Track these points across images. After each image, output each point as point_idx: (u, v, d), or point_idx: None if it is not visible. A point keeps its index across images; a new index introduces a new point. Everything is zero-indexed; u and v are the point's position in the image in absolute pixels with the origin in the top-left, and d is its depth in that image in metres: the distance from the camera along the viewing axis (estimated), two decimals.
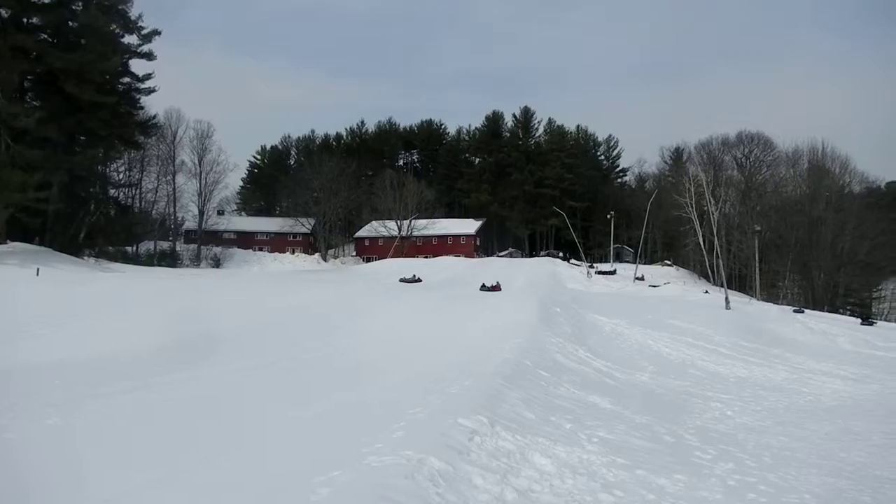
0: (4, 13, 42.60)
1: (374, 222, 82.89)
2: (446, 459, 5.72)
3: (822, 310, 50.74)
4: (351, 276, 49.28)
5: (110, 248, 56.59)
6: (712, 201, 44.62)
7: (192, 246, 72.35)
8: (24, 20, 43.75)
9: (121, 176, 66.02)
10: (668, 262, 71.26)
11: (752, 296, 54.46)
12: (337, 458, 5.79)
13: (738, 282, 66.28)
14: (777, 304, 48.05)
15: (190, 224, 77.62)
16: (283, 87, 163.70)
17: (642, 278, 55.84)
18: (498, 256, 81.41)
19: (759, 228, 58.82)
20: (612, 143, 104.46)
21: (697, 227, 50.72)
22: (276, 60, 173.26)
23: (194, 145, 72.83)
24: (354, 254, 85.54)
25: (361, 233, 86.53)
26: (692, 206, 50.04)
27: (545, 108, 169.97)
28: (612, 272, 59.87)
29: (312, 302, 24.03)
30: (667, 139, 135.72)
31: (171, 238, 73.91)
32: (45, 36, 46.34)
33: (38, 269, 31.29)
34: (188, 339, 14.27)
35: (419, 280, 43.56)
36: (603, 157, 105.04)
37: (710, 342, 22.77)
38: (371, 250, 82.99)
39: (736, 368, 19.23)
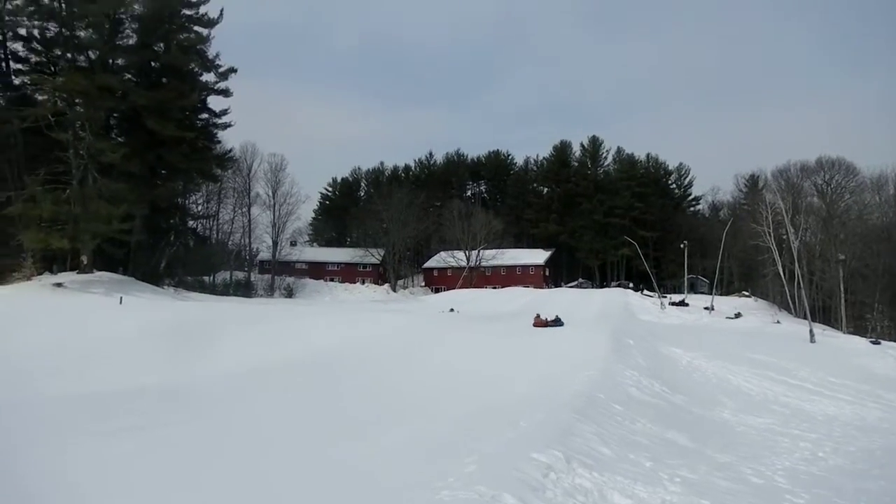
0: (92, 55, 44.98)
1: (442, 253, 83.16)
2: (520, 496, 5.42)
3: None
4: (421, 307, 49.29)
5: (188, 277, 58.43)
6: (792, 229, 42.77)
7: (266, 276, 74.12)
8: (111, 61, 46.08)
9: (199, 208, 68.51)
10: (746, 293, 68.57)
11: (839, 328, 51.75)
12: (409, 491, 5.57)
13: (822, 314, 63.17)
14: (866, 336, 45.49)
15: (264, 255, 79.62)
16: (353, 119, 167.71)
17: (711, 308, 53.86)
18: (567, 287, 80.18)
19: (842, 257, 56.12)
20: (683, 172, 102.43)
21: (776, 257, 48.79)
22: (346, 94, 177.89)
23: (268, 178, 75.30)
24: (423, 284, 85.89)
25: (430, 263, 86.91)
26: (770, 235, 48.22)
27: (614, 136, 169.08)
28: (684, 304, 57.99)
29: (385, 332, 24.05)
30: (742, 166, 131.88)
31: (246, 268, 75.87)
32: (130, 75, 48.72)
33: (120, 298, 32.43)
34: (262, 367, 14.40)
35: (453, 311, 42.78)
36: (674, 185, 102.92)
37: (794, 377, 21.58)
38: (440, 280, 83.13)
39: (824, 406, 18.08)
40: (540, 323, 29.69)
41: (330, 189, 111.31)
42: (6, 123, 40.69)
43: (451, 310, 43.09)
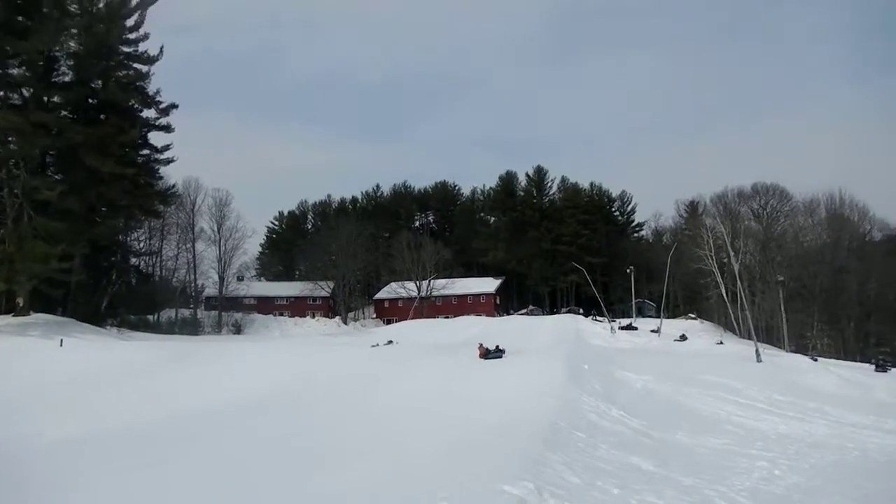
0: (26, 92, 43.80)
1: (393, 283, 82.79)
2: None
3: (854, 360, 49.51)
4: (371, 340, 48.70)
5: (132, 316, 56.69)
6: (732, 253, 44.04)
7: (213, 312, 72.41)
8: (46, 98, 44.92)
9: (141, 245, 66.82)
10: (693, 316, 70.15)
11: (781, 347, 53.24)
12: None
13: (766, 333, 64.91)
14: (807, 354, 46.89)
15: (210, 291, 77.94)
16: (298, 152, 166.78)
17: (659, 331, 54.91)
18: (518, 314, 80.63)
19: (781, 279, 57.97)
20: (626, 199, 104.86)
21: (719, 279, 50.10)
22: (290, 127, 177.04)
23: (213, 213, 73.99)
24: (374, 316, 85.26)
25: (381, 294, 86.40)
26: (712, 259, 49.57)
27: (558, 166, 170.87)
28: (633, 328, 58.95)
29: (336, 368, 23.65)
30: (681, 192, 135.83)
31: (192, 305, 74.09)
32: (66, 112, 47.50)
33: (61, 340, 31.19)
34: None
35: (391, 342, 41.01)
36: (618, 212, 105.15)
37: (744, 396, 21.99)
38: (391, 312, 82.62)
39: (775, 424, 18.42)
40: (483, 353, 27.33)
41: (277, 222, 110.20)
42: None
43: (390, 342, 41.04)
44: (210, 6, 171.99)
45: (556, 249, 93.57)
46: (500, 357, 26.73)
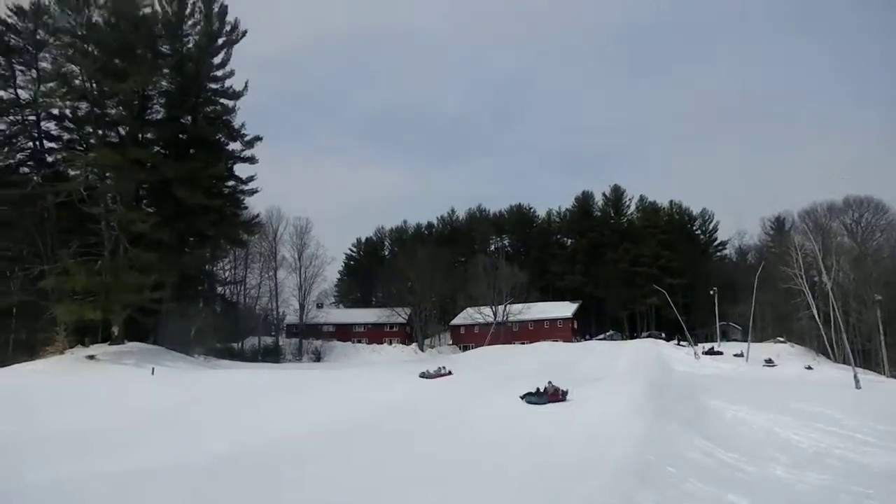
0: (122, 130, 46.28)
1: (469, 309, 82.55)
2: None
3: None
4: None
5: (217, 345, 58.46)
6: (823, 270, 41.96)
7: (294, 340, 74.02)
8: (140, 135, 47.35)
9: (226, 274, 69.17)
10: (782, 339, 67.00)
11: (881, 372, 50.20)
12: None
13: (862, 357, 61.33)
14: None
15: (291, 318, 79.69)
16: (375, 179, 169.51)
17: (742, 355, 52.66)
18: (597, 340, 79.07)
19: (879, 297, 54.81)
20: (707, 217, 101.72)
21: (810, 299, 47.85)
22: (368, 155, 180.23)
23: (294, 241, 76.04)
24: (451, 342, 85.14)
25: (457, 320, 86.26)
26: (802, 278, 47.35)
27: (636, 185, 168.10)
28: (718, 352, 56.75)
29: (413, 396, 23.73)
30: (766, 209, 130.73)
31: (273, 333, 75.90)
32: (159, 148, 49.98)
33: (153, 369, 32.48)
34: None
35: (449, 373, 36.17)
36: (699, 231, 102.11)
37: (843, 427, 20.64)
38: (467, 338, 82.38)
39: (879, 457, 17.26)
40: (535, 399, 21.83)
41: (354, 249, 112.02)
42: (40, 199, 41.79)
43: (441, 368, 36.81)
44: (288, 42, 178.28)
45: (635, 271, 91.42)
46: (542, 402, 21.48)
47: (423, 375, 34.41)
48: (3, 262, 41.30)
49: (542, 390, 22.59)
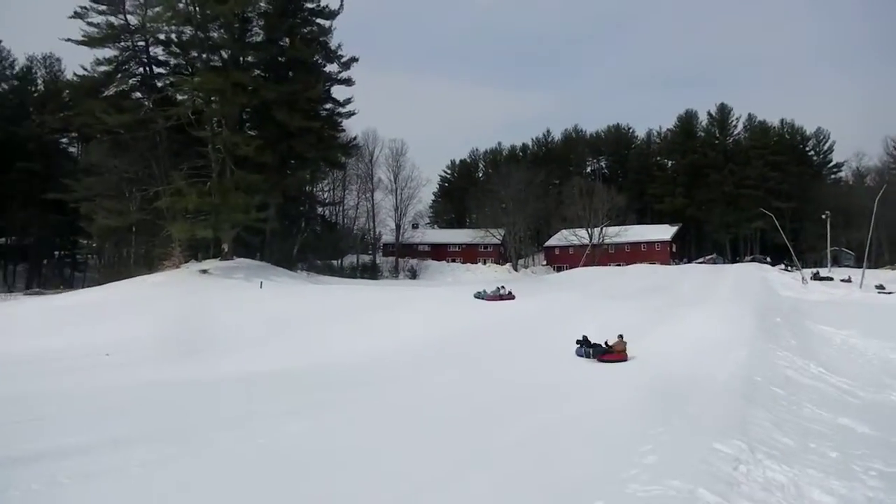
0: (225, 54, 47.38)
1: (563, 231, 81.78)
2: (719, 493, 5.09)
3: None
4: (544, 286, 48.68)
5: (318, 262, 60.92)
6: None
7: (390, 259, 76.04)
8: (241, 59, 48.38)
9: (326, 195, 71.21)
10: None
11: None
12: (591, 482, 5.42)
13: None
14: None
15: (387, 238, 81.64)
16: (469, 100, 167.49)
17: (849, 280, 49.81)
18: (697, 263, 76.86)
19: None
20: (822, 137, 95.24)
21: None
22: (462, 75, 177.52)
23: (389, 163, 77.17)
24: (545, 263, 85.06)
25: (551, 242, 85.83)
26: None
27: (744, 103, 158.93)
28: (827, 278, 54.04)
29: (512, 313, 24.03)
30: (891, 128, 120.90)
31: (370, 252, 78.10)
32: (259, 71, 51.02)
33: (261, 283, 34.29)
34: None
35: (510, 296, 30.15)
36: (812, 152, 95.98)
37: None
38: (561, 259, 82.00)
39: None
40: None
41: (449, 171, 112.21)
42: (152, 123, 43.80)
43: (501, 289, 30.90)
44: None
45: (739, 194, 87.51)
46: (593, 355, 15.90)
47: (478, 296, 29.61)
48: (122, 184, 43.91)
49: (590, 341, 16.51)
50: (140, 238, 47.45)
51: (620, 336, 15.96)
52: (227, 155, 43.60)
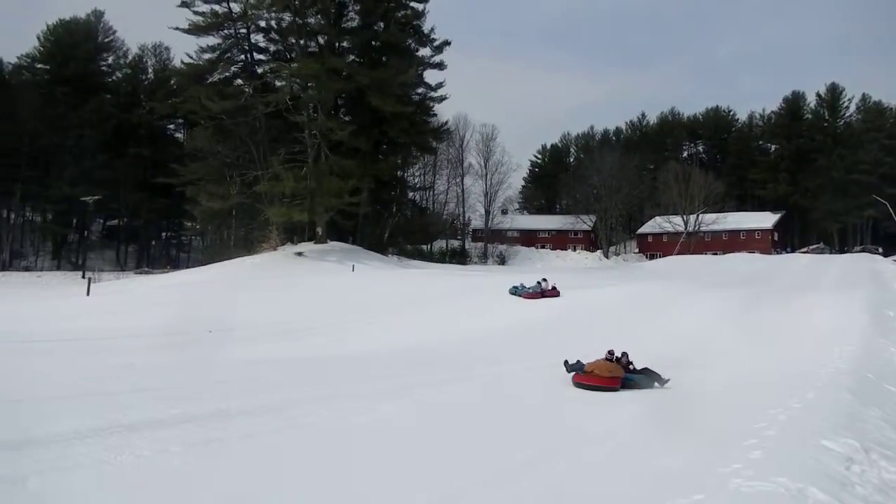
0: (321, 40, 48.41)
1: (657, 218, 79.50)
2: (831, 493, 4.77)
3: None
4: (635, 274, 47.56)
5: (408, 246, 61.72)
6: None
7: (479, 244, 76.08)
8: (337, 44, 49.31)
9: (416, 180, 71.96)
10: None
11: None
12: (689, 475, 5.18)
13: None
14: None
15: (476, 223, 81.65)
16: (560, 86, 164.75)
17: None
18: (801, 252, 73.17)
19: None
20: None
21: None
22: (552, 59, 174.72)
23: (480, 148, 76.78)
24: (637, 251, 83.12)
25: (644, 229, 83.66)
26: None
27: (857, 83, 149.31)
28: None
29: (603, 300, 23.55)
30: None
31: (460, 237, 78.40)
32: (353, 57, 51.87)
33: (353, 266, 35.01)
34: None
35: (554, 291, 24.82)
36: None
37: None
38: (654, 247, 79.83)
39: None
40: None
41: (539, 156, 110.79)
42: (252, 109, 45.35)
43: (543, 283, 25.31)
44: None
45: (849, 179, 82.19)
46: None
47: (513, 292, 24.73)
48: (223, 168, 45.75)
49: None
50: (240, 221, 49.42)
51: (610, 355, 11.40)
52: (322, 140, 44.68)
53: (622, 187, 78.11)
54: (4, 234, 55.73)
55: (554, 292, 24.49)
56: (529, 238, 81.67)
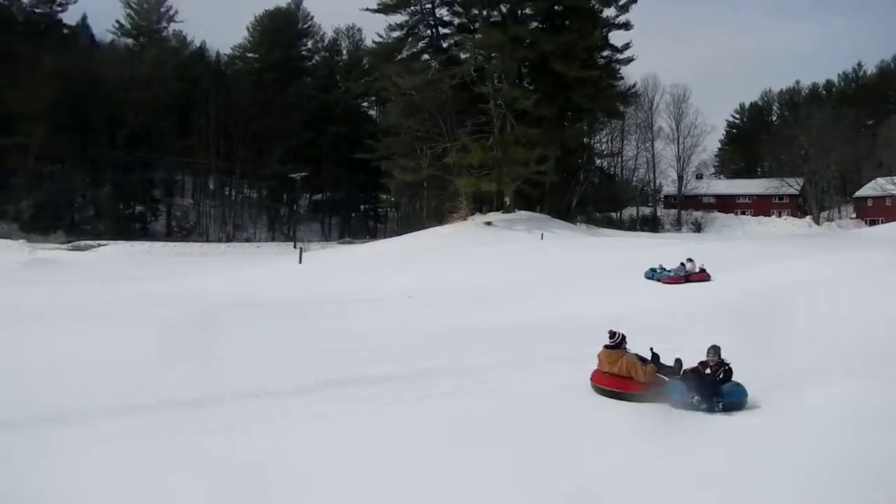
0: (503, 8, 48.33)
1: (879, 179, 71.19)
2: None
3: None
4: (845, 243, 42.61)
5: (597, 214, 60.66)
6: None
7: (672, 211, 72.88)
8: (519, 11, 49.00)
9: (603, 146, 70.23)
10: None
11: None
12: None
13: None
14: None
15: (668, 189, 78.30)
16: (759, 36, 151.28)
17: None
18: None
19: None
20: None
21: None
22: (749, 10, 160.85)
23: (671, 110, 73.07)
24: (854, 216, 75.21)
25: (862, 192, 75.28)
26: None
27: None
28: None
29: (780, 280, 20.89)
30: None
31: (650, 204, 75.64)
32: (536, 23, 51.23)
33: (542, 234, 35.06)
34: None
35: (702, 273, 21.42)
36: None
37: None
38: (875, 212, 71.59)
39: None
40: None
41: (737, 116, 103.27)
42: (439, 83, 46.49)
43: (689, 263, 21.70)
44: None
45: None
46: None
47: (649, 276, 21.78)
48: (414, 142, 47.56)
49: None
50: (431, 192, 51.32)
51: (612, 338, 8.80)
52: (507, 110, 44.90)
53: (835, 146, 70.81)
54: (228, 209, 62.42)
55: (702, 275, 21.21)
56: (727, 204, 76.76)
